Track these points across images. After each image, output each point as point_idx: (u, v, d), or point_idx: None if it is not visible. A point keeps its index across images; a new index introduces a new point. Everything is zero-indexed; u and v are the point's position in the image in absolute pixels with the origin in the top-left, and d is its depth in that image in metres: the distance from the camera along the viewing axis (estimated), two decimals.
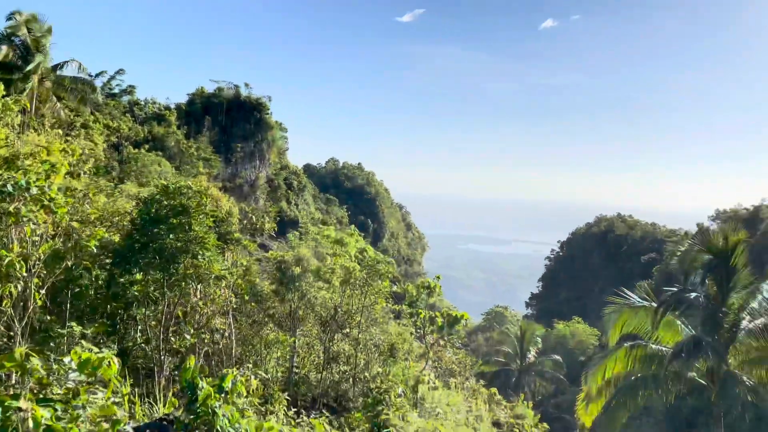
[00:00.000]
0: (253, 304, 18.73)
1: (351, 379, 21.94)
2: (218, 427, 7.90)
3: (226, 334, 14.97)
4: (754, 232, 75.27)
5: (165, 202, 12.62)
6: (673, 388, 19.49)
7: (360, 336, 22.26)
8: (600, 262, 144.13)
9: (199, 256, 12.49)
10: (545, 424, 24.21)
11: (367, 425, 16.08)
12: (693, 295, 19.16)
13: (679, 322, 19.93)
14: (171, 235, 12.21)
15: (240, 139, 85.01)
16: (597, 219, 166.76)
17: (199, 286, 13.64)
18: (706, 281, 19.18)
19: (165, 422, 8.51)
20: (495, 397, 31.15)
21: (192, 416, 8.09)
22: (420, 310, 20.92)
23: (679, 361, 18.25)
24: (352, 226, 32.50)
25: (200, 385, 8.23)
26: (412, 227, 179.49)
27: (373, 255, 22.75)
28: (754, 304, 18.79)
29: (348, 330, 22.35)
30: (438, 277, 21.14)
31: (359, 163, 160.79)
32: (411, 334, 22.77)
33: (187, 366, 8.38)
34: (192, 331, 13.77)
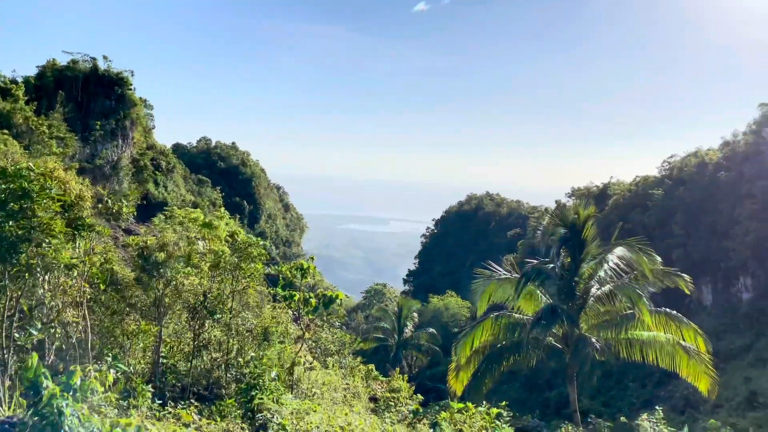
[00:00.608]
0: (112, 293, 17.54)
1: (223, 366, 21.34)
2: (66, 428, 7.34)
3: (81, 327, 13.90)
4: (603, 207, 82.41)
5: (3, 186, 11.35)
6: (534, 353, 20.93)
7: (232, 321, 21.65)
8: (471, 237, 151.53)
9: (44, 244, 11.39)
10: (420, 396, 25.09)
11: (239, 411, 15.68)
12: (551, 266, 20.61)
13: (539, 292, 21.35)
14: (10, 222, 11.02)
15: (99, 116, 78.93)
16: (468, 197, 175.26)
17: (46, 277, 12.50)
18: (562, 253, 20.69)
19: (7, 425, 7.83)
20: (372, 373, 31.80)
21: (37, 417, 7.48)
22: (294, 293, 20.66)
23: (539, 328, 19.56)
24: (221, 208, 31.18)
25: (45, 384, 7.60)
26: (290, 208, 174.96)
27: (245, 238, 22.08)
28: (601, 273, 20.57)
29: (219, 316, 21.67)
30: (312, 258, 20.92)
31: (233, 143, 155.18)
32: (288, 316, 22.51)
33: (29, 365, 7.68)
34: (39, 325, 12.63)
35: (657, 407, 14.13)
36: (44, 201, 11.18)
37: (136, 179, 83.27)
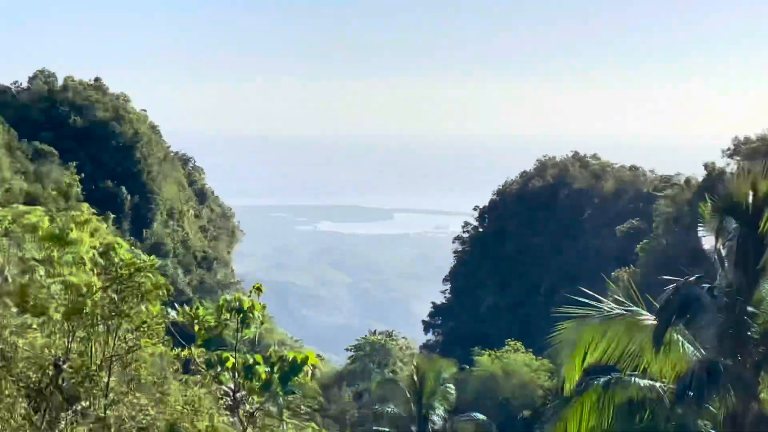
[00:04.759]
0: None
1: None
2: None
3: None
4: None
5: None
6: None
7: (110, 412, 12.27)
8: (548, 238, 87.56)
9: None
10: None
11: None
12: (705, 288, 12.02)
13: (679, 338, 12.79)
14: None
15: None
16: (539, 164, 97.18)
17: None
18: (727, 264, 12.06)
19: None
20: None
21: None
22: (225, 354, 11.28)
23: (686, 404, 11.17)
24: (86, 204, 19.79)
25: None
26: (209, 197, 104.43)
27: (128, 257, 12.62)
28: None
29: (87, 402, 12.41)
30: (258, 288, 11.17)
31: (98, 80, 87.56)
32: (218, 399, 12.97)
33: None
34: None
35: None
36: None
37: None
